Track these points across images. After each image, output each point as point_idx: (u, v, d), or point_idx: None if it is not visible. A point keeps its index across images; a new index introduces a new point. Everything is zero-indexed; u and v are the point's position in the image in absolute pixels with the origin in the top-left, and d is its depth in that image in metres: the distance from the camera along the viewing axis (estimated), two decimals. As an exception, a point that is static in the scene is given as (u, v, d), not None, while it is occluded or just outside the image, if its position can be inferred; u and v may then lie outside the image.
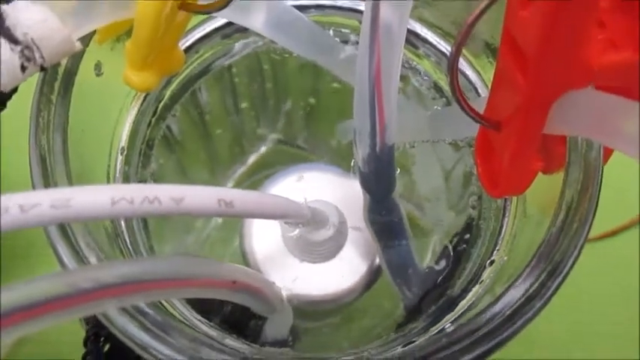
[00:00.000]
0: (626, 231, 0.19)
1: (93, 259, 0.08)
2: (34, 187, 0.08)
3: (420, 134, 0.12)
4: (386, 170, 0.11)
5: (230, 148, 0.17)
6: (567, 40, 0.07)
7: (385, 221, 0.12)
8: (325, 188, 0.13)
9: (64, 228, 0.08)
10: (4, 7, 0.07)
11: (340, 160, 0.15)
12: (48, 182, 0.08)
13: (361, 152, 0.11)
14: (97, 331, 0.11)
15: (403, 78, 0.13)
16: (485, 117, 0.09)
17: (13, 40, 0.07)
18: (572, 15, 0.07)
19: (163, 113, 0.13)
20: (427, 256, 0.13)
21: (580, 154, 0.09)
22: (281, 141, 0.17)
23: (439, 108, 0.13)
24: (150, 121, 0.13)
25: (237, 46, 0.14)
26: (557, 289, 0.09)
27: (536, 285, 0.09)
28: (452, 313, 0.11)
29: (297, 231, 0.12)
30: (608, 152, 0.10)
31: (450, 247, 0.13)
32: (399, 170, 0.12)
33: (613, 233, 0.19)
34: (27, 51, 0.08)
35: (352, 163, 0.13)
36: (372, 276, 0.13)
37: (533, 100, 0.08)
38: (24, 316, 0.07)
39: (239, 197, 0.08)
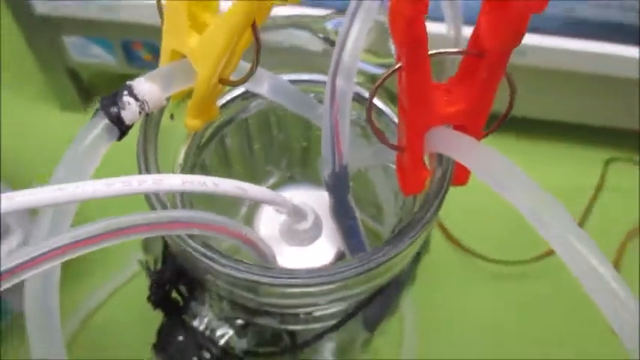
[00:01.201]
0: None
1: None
2: (140, 173, 0.15)
3: (367, 160, 0.19)
4: (342, 182, 0.18)
5: (245, 180, 0.24)
6: (421, 101, 0.14)
7: (344, 217, 0.19)
8: (309, 198, 0.20)
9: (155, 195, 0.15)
10: (132, 82, 0.14)
11: (320, 183, 0.21)
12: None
13: (326, 171, 0.18)
14: (158, 279, 0.17)
15: (352, 122, 0.19)
16: (395, 145, 0.16)
17: (136, 98, 0.14)
18: (418, 86, 0.14)
19: (202, 148, 0.20)
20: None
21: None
22: (283, 175, 0.24)
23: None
24: (194, 152, 0.19)
25: (252, 105, 0.21)
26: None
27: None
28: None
29: (284, 217, 0.18)
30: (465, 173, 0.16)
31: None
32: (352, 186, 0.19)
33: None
34: (141, 104, 0.14)
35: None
36: (338, 258, 0.20)
37: (412, 135, 0.15)
38: (128, 232, 0.13)
39: (248, 187, 0.15)
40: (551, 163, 0.36)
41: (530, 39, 0.30)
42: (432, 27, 0.13)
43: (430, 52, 0.14)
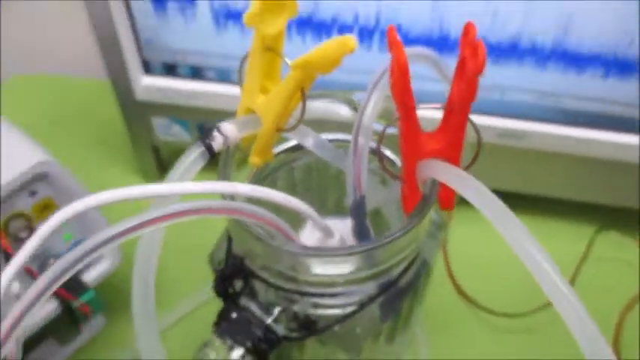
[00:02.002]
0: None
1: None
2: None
3: (383, 198, 0.25)
4: (361, 207, 0.24)
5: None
6: (412, 141, 0.21)
7: (362, 235, 0.25)
8: (336, 225, 0.26)
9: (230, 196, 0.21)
10: (220, 124, 0.22)
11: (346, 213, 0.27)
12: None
13: (350, 199, 0.24)
14: (221, 275, 0.24)
15: (372, 172, 0.26)
16: (399, 177, 0.22)
17: (221, 134, 0.22)
18: (410, 131, 0.21)
19: (260, 182, 0.27)
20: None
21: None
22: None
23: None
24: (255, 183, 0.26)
25: (298, 158, 0.28)
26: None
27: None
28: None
29: (318, 235, 0.24)
30: (451, 194, 0.22)
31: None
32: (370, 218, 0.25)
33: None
34: (225, 139, 0.22)
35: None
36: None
37: (408, 166, 0.21)
38: (206, 212, 0.20)
39: (292, 199, 0.22)
40: (547, 236, 0.41)
41: (528, 125, 0.37)
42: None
43: (417, 108, 0.20)
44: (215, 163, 0.23)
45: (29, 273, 0.28)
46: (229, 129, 0.22)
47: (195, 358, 0.23)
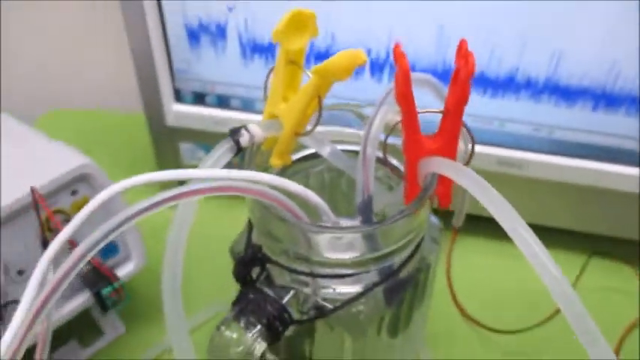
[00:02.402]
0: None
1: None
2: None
3: (390, 200, 0.28)
4: (368, 206, 0.27)
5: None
6: (413, 141, 0.24)
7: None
8: (347, 223, 0.29)
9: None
10: (248, 125, 0.25)
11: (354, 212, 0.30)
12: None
13: (359, 199, 0.27)
14: (240, 261, 0.26)
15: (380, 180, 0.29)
16: (402, 177, 0.25)
17: (248, 133, 0.25)
18: (411, 131, 0.24)
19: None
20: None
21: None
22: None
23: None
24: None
25: (314, 166, 0.31)
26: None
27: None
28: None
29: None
30: (447, 189, 0.25)
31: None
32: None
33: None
34: (250, 137, 0.25)
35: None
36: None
37: (410, 163, 0.24)
38: (231, 189, 0.23)
39: (309, 192, 0.25)
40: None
41: (526, 155, 0.40)
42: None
43: (417, 111, 0.24)
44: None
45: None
46: (255, 129, 0.25)
47: (213, 338, 0.25)
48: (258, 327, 0.25)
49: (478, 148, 0.38)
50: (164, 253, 0.26)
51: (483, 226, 0.21)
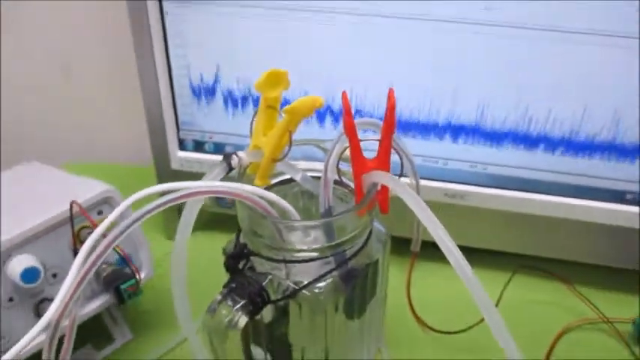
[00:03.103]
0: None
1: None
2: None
3: (343, 210, 0.37)
4: (328, 215, 0.35)
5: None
6: (357, 160, 0.33)
7: (329, 232, 0.35)
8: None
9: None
10: (237, 152, 0.34)
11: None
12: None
13: (322, 209, 0.35)
14: (231, 256, 0.34)
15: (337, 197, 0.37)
16: (351, 187, 0.34)
17: (237, 157, 0.34)
18: (355, 153, 0.33)
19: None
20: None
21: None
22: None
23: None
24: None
25: (289, 189, 0.40)
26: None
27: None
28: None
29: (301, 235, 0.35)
30: (385, 197, 0.34)
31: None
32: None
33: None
34: (239, 160, 0.34)
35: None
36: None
37: (356, 176, 0.33)
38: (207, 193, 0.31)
39: (281, 200, 0.33)
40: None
41: (466, 187, 0.49)
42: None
43: (359, 139, 0.33)
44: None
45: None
46: (242, 155, 0.34)
47: (207, 313, 0.33)
48: (242, 302, 0.32)
49: (428, 183, 0.48)
50: (172, 251, 0.34)
51: (440, 254, 0.29)
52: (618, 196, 0.47)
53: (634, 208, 0.47)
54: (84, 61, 0.69)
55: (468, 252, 0.30)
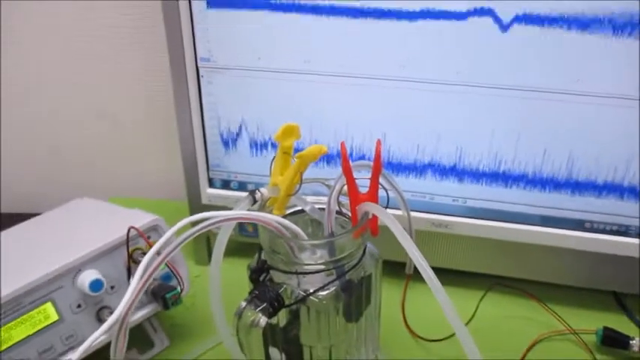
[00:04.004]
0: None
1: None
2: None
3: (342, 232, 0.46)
4: (331, 237, 0.45)
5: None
6: (353, 194, 0.42)
7: (332, 251, 0.45)
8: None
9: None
10: (260, 188, 0.44)
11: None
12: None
13: (325, 232, 0.45)
14: (254, 270, 0.43)
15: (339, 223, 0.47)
16: (349, 216, 0.44)
17: (260, 192, 0.43)
18: (352, 188, 0.42)
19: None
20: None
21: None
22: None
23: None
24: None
25: (301, 217, 0.49)
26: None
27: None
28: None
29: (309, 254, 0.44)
30: (375, 223, 0.43)
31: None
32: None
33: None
34: (261, 195, 0.43)
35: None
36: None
37: (352, 206, 0.43)
38: (248, 219, 0.41)
39: (293, 225, 0.43)
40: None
41: (450, 218, 0.58)
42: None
43: (354, 178, 0.42)
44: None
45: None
46: (264, 190, 0.44)
47: (235, 315, 0.42)
48: (262, 306, 0.41)
49: (418, 214, 0.58)
50: (210, 264, 0.44)
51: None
52: (579, 225, 0.56)
53: (592, 235, 0.55)
54: (130, 112, 0.80)
55: (452, 273, 0.39)
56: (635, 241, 0.55)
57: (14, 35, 0.76)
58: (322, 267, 0.42)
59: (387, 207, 0.43)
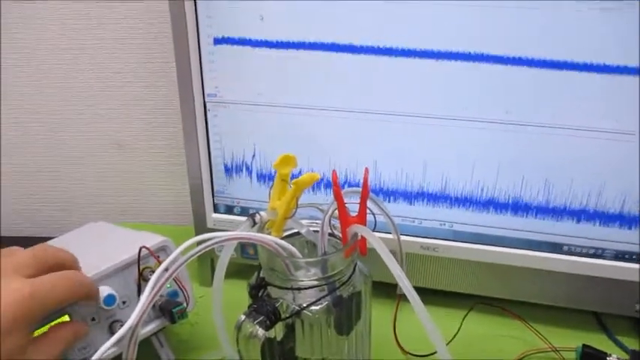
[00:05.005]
0: None
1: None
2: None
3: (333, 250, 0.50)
4: (325, 255, 0.49)
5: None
6: (343, 218, 0.47)
7: (325, 268, 0.49)
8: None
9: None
10: (260, 211, 0.48)
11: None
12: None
13: (319, 252, 0.49)
14: (253, 287, 0.47)
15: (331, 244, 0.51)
16: (341, 237, 0.48)
17: (259, 215, 0.48)
18: (342, 211, 0.47)
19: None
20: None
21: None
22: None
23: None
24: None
25: (296, 239, 0.53)
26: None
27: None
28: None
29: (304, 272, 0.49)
30: (363, 243, 0.47)
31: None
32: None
33: None
34: (260, 218, 0.48)
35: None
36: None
37: (343, 229, 0.47)
38: (242, 238, 0.45)
39: (289, 246, 0.47)
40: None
41: (437, 242, 0.62)
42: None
43: (345, 203, 0.47)
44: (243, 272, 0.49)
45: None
46: (263, 214, 0.49)
47: (236, 329, 0.46)
48: (260, 318, 0.45)
49: (407, 238, 0.63)
50: (213, 281, 0.48)
51: (422, 297, 0.42)
52: (558, 248, 0.60)
53: (570, 257, 0.59)
54: (140, 141, 0.86)
55: (439, 293, 0.42)
56: (610, 263, 0.59)
57: (36, 64, 0.82)
58: (315, 283, 0.47)
59: (374, 229, 0.47)
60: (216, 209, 0.69)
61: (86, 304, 0.50)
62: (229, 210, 0.68)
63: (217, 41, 0.60)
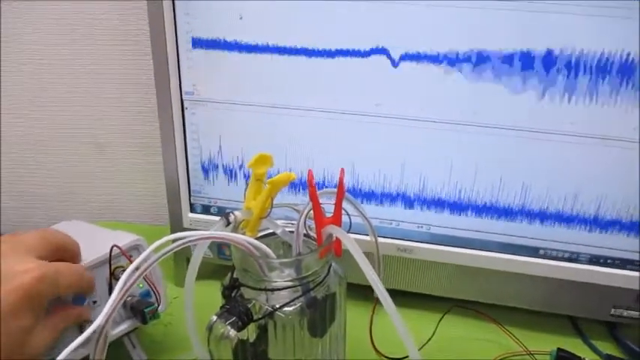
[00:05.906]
0: None
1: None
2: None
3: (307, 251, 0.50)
4: (299, 255, 0.48)
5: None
6: (319, 219, 0.46)
7: (299, 269, 0.48)
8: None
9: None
10: (233, 211, 0.48)
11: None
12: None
13: (294, 252, 0.48)
14: (226, 287, 0.47)
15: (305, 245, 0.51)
16: (316, 238, 0.48)
17: (233, 215, 0.47)
18: (317, 212, 0.46)
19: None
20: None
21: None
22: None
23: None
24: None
25: (271, 240, 0.53)
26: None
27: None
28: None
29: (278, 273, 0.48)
30: (338, 244, 0.47)
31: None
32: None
33: None
34: (234, 217, 0.47)
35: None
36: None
37: (318, 229, 0.47)
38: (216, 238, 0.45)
39: (262, 246, 0.46)
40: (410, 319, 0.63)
41: (413, 244, 0.62)
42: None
43: (320, 202, 0.46)
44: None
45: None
46: (237, 213, 0.48)
47: (207, 329, 0.45)
48: (232, 319, 0.45)
49: (385, 240, 0.62)
50: (186, 276, 0.47)
51: (398, 301, 0.42)
52: (534, 252, 0.60)
53: (546, 261, 0.60)
54: (117, 139, 0.85)
55: (415, 296, 0.42)
56: (585, 267, 0.59)
57: (12, 63, 0.81)
58: (289, 284, 0.46)
59: (349, 231, 0.47)
60: (192, 209, 0.68)
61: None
62: (206, 210, 0.68)
63: (195, 40, 0.60)
